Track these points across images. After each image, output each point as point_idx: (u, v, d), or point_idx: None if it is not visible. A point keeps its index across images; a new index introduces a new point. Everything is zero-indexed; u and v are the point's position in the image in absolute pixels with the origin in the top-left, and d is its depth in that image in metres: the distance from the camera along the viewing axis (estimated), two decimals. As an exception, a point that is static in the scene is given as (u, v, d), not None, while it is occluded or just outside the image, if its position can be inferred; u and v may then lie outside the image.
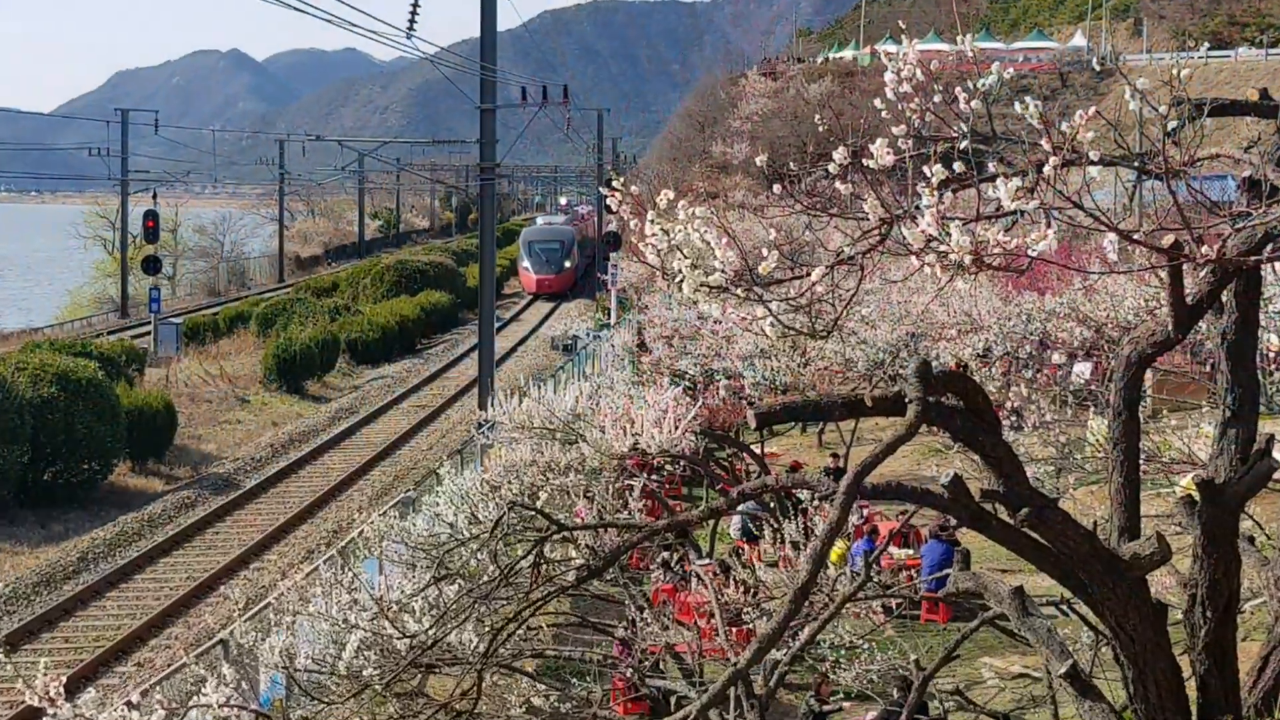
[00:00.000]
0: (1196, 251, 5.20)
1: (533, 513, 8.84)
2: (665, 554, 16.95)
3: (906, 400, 5.76)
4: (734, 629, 11.83)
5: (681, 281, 5.53)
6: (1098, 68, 65.74)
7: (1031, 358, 25.86)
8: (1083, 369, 26.25)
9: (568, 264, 70.86)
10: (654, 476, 18.53)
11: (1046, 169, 4.92)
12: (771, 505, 17.30)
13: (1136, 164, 5.36)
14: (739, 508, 17.15)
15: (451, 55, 36.34)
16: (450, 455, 24.66)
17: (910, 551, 18.43)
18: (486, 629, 9.94)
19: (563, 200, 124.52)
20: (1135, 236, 5.17)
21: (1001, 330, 26.15)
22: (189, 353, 45.36)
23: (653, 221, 5.55)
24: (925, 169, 5.07)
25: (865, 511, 19.17)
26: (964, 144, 5.16)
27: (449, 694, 10.28)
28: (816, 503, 13.90)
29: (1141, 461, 6.95)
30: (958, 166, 5.09)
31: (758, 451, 22.52)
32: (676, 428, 13.50)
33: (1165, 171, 5.09)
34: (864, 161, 5.23)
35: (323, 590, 11.28)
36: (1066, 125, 4.99)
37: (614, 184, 5.87)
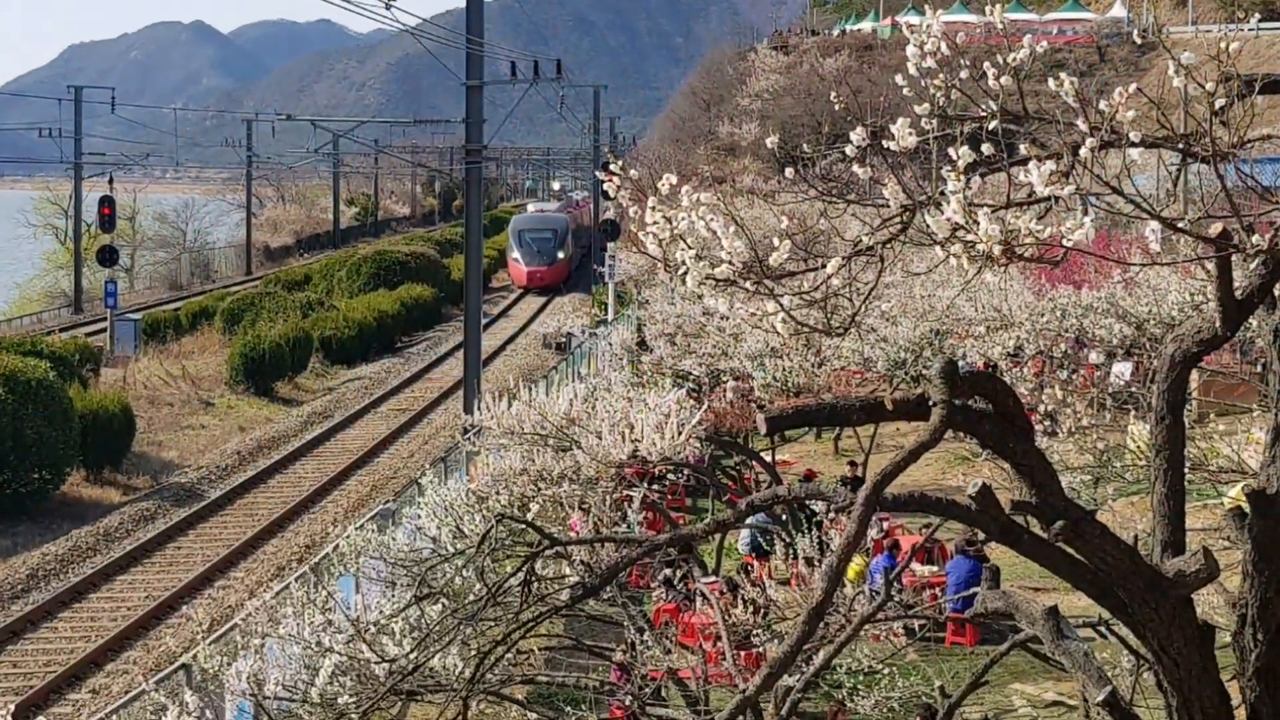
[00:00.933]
0: (1246, 241, 5.20)
1: (523, 526, 8.85)
2: (667, 571, 16.94)
3: (930, 403, 5.76)
4: (742, 653, 11.84)
5: (685, 274, 5.53)
6: (1139, 40, 65.70)
7: (1067, 357, 25.86)
8: (1123, 369, 26.28)
9: (561, 255, 70.91)
10: (655, 487, 18.51)
11: (1083, 151, 4.92)
12: (783, 518, 17.31)
13: (1181, 146, 5.36)
14: (748, 520, 17.15)
15: (435, 27, 36.38)
16: (433, 463, 24.65)
17: (934, 568, 18.45)
18: (472, 652, 9.94)
19: (556, 185, 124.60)
20: (1180, 225, 5.17)
21: (1034, 327, 26.17)
22: (148, 352, 45.39)
23: (654, 208, 5.55)
24: (951, 151, 5.07)
25: (885, 524, 19.19)
26: (993, 124, 5.17)
27: (432, 723, 10.28)
28: (832, 515, 13.90)
29: (1187, 470, 6.95)
30: (986, 149, 5.09)
31: (768, 459, 22.53)
32: (680, 433, 13.51)
33: (1212, 154, 5.09)
34: (884, 143, 5.23)
35: (294, 610, 11.28)
36: (1105, 103, 4.99)
37: (611, 168, 5.87)
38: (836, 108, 5.82)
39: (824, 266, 5.46)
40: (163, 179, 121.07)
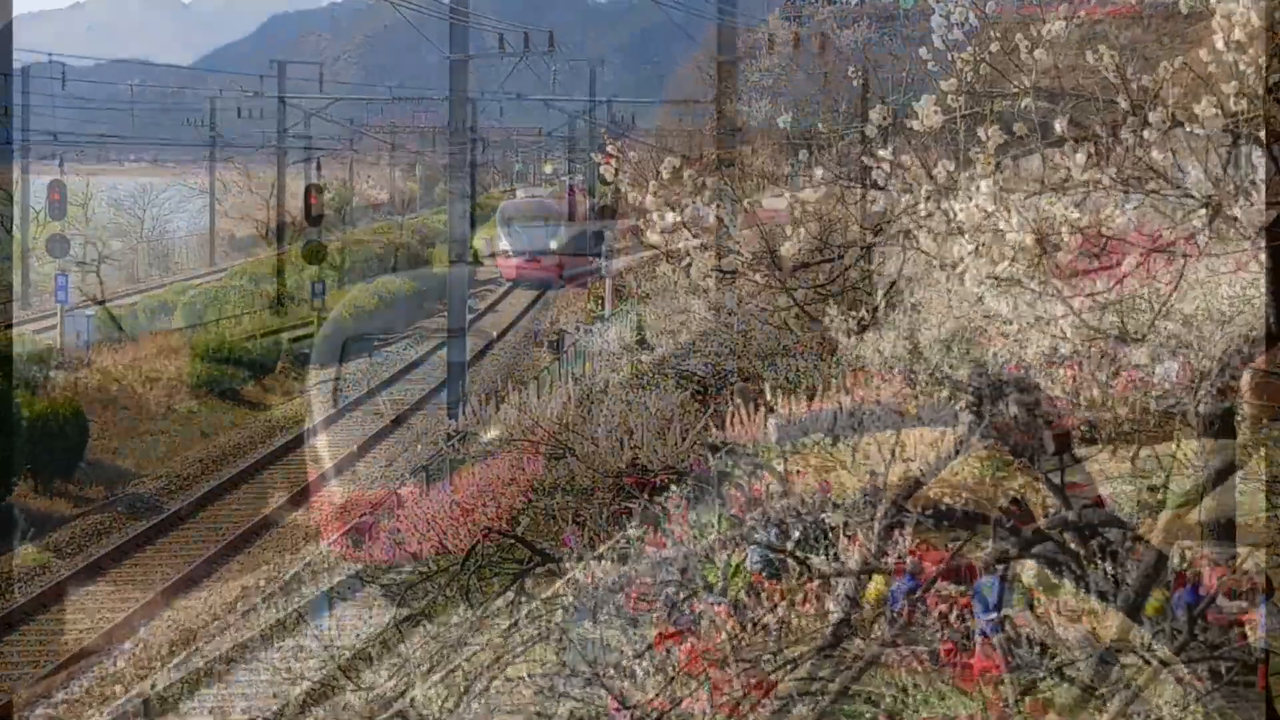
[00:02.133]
0: (1303, 230, 5.20)
1: (512, 541, 8.85)
2: (669, 590, 16.93)
3: (957, 409, 5.76)
4: (751, 681, 11.83)
5: (690, 266, 5.54)
6: (1185, 10, 65.81)
7: (1106, 357, 25.84)
8: (1168, 370, 26.25)
9: (554, 245, 70.88)
10: (656, 498, 18.48)
11: (1124, 132, 4.92)
12: (796, 534, 17.29)
13: (1231, 126, 5.36)
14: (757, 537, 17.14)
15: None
16: (415, 472, 24.67)
17: (962, 588, 18.45)
18: (458, 680, 9.95)
19: (548, 169, 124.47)
20: (1230, 212, 5.17)
21: (1070, 325, 26.13)
22: (102, 351, 45.37)
23: (655, 194, 5.56)
24: (980, 131, 5.07)
25: (908, 541, 19.17)
26: (1025, 102, 5.17)
27: (412, 757, 10.27)
28: (850, 530, 13.89)
29: (1238, 480, 6.96)
30: (1018, 129, 5.09)
31: (780, 469, 22.51)
32: (683, 440, 13.52)
33: (1265, 135, 5.09)
34: (907, 123, 5.24)
35: (262, 634, 11.30)
36: (1148, 79, 4.99)
37: (609, 149, 5.88)
38: (855, 84, 5.82)
39: (841, 257, 5.46)
40: (118, 162, 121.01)
